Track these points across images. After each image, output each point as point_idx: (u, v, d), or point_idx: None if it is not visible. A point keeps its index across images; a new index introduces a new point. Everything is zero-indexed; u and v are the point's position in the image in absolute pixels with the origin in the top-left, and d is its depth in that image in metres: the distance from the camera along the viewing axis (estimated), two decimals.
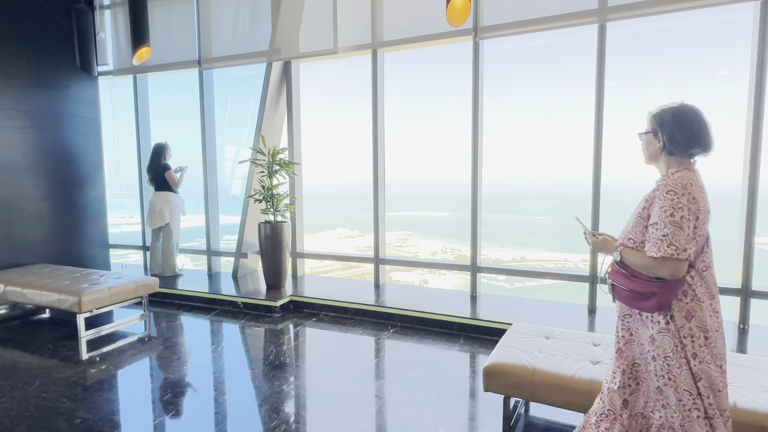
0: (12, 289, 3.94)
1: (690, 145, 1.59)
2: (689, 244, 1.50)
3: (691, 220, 1.51)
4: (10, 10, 4.70)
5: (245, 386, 3.00)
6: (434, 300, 4.40)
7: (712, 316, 1.59)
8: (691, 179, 1.56)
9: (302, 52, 4.89)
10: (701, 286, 1.57)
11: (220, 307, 4.69)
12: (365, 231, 18.31)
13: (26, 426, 2.49)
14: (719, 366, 1.59)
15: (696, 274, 1.57)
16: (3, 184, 4.70)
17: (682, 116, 1.61)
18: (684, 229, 1.50)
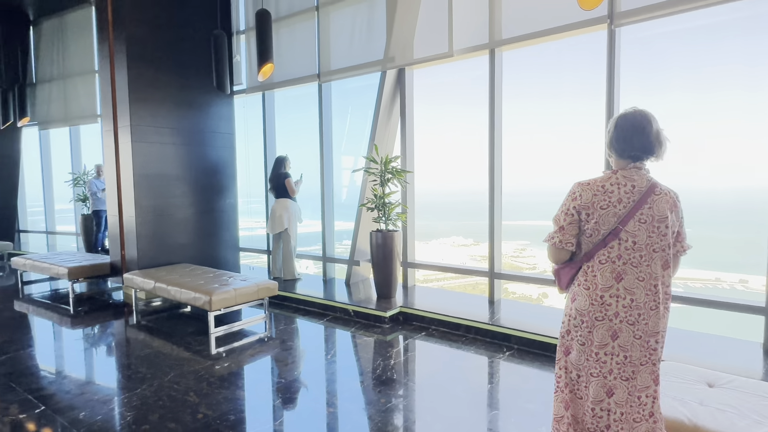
0: (160, 286, 4.45)
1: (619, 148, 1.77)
2: (559, 234, 1.80)
3: (568, 215, 1.78)
4: (167, 42, 5.41)
5: (354, 399, 2.94)
6: (558, 322, 3.92)
7: (594, 305, 1.74)
8: (600, 180, 1.77)
9: (416, 58, 4.79)
10: (595, 276, 1.74)
11: (332, 314, 4.78)
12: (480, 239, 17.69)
13: (158, 415, 2.72)
14: (595, 353, 1.75)
15: (594, 265, 1.76)
16: (157, 193, 5.39)
17: (618, 121, 1.78)
18: (557, 222, 1.81)
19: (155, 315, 4.90)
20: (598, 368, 1.74)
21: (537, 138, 15.68)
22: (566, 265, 1.83)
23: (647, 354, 1.73)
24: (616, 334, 1.71)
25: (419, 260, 5.29)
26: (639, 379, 1.74)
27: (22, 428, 2.60)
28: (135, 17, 5.16)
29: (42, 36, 8.77)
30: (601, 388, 1.75)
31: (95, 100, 7.73)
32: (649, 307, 1.70)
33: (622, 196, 1.72)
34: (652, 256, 1.71)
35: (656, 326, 1.72)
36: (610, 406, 1.75)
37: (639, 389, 1.74)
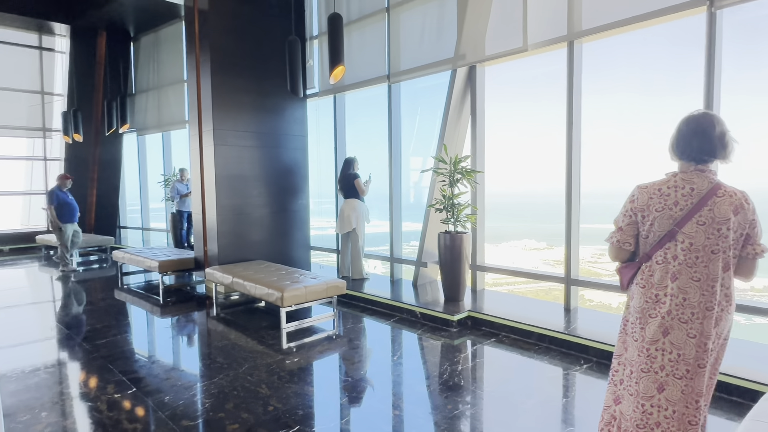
0: (237, 281, 4.70)
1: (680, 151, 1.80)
2: (617, 234, 1.90)
3: (626, 216, 1.88)
4: (246, 51, 5.71)
5: (420, 403, 2.89)
6: None
7: (648, 302, 1.80)
8: (658, 184, 1.82)
9: (488, 54, 4.64)
10: (651, 275, 1.81)
11: (399, 315, 4.76)
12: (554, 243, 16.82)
13: (233, 404, 2.86)
14: (646, 349, 1.79)
15: (651, 264, 1.82)
16: (237, 193, 5.71)
17: (681, 123, 1.80)
18: (617, 223, 1.92)
19: (233, 308, 5.19)
20: (649, 363, 1.79)
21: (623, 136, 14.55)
22: (627, 264, 1.92)
23: (703, 356, 1.73)
24: (668, 331, 1.76)
25: (489, 263, 5.12)
26: (696, 381, 1.74)
27: (117, 407, 2.85)
28: (219, 28, 5.50)
29: (140, 51, 9.68)
30: (651, 384, 1.79)
31: (184, 107, 8.37)
32: (705, 307, 1.72)
33: (679, 199, 1.76)
34: (711, 258, 1.72)
35: (710, 327, 1.72)
36: (660, 402, 1.77)
37: (696, 392, 1.75)
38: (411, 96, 6.12)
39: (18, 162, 10.64)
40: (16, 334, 4.37)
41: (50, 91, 10.53)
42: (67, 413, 2.81)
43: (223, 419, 2.68)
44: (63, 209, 7.26)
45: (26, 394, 3.03)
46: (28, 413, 2.77)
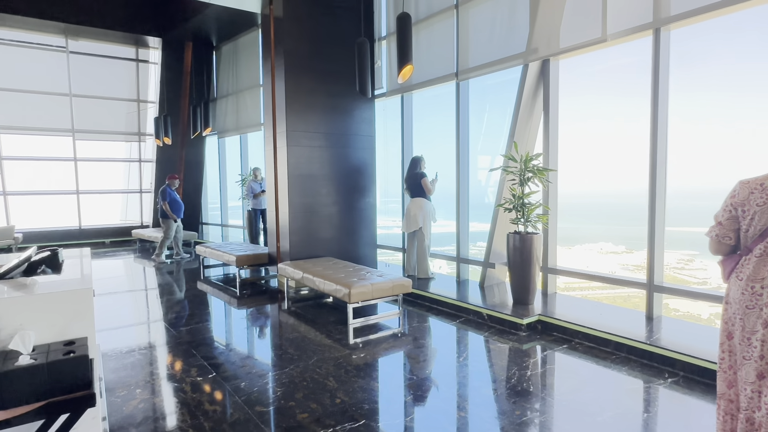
0: (307, 276, 4.88)
1: None
2: (717, 228, 2.01)
3: (726, 211, 1.98)
4: (317, 54, 5.91)
5: (485, 406, 2.83)
6: None
7: (745, 294, 1.88)
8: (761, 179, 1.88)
9: (563, 47, 4.43)
10: (749, 267, 1.88)
11: (465, 316, 4.69)
12: (633, 247, 15.63)
13: (302, 394, 2.98)
14: (747, 338, 1.88)
15: (750, 257, 1.89)
16: (307, 192, 5.93)
17: None
18: (717, 218, 2.02)
19: (303, 302, 5.39)
20: (750, 352, 1.87)
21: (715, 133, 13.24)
22: (728, 257, 2.00)
23: None
24: (767, 323, 1.82)
25: (561, 266, 4.88)
26: None
27: (199, 389, 3.08)
28: (292, 34, 5.75)
29: (221, 59, 10.36)
30: (752, 371, 1.86)
31: (260, 111, 8.83)
32: None
33: None
34: None
35: None
36: (761, 389, 1.84)
37: None
38: (479, 93, 6.00)
39: (117, 164, 11.82)
40: (115, 318, 4.86)
41: (145, 99, 11.58)
42: (157, 391, 3.08)
43: (293, 408, 2.80)
44: (172, 206, 8.19)
45: (123, 372, 3.36)
46: (125, 389, 3.08)
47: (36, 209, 10.53)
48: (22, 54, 10.09)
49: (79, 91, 10.68)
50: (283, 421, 2.65)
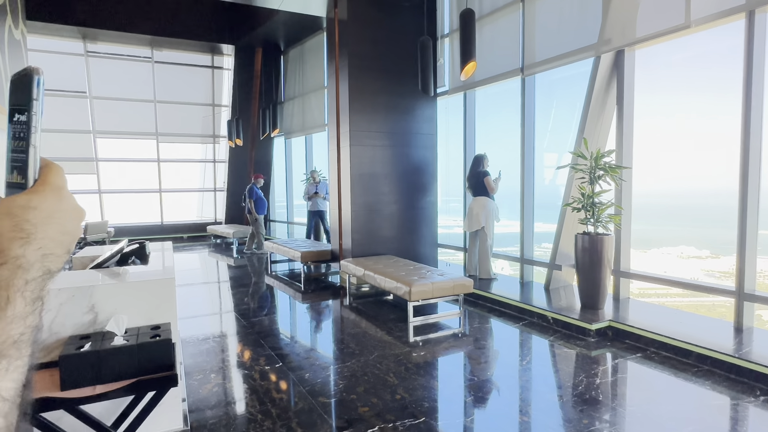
0: (368, 273, 4.97)
1: None
2: None
3: None
4: (380, 54, 5.99)
5: (549, 413, 2.73)
6: None
7: None
8: None
9: (640, 36, 4.15)
10: None
11: (529, 318, 4.55)
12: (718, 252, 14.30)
13: (363, 388, 3.04)
14: None
15: None
16: (369, 191, 6.03)
17: None
18: None
19: (364, 299, 5.50)
20: None
21: None
22: None
23: None
24: None
25: (635, 270, 4.59)
26: None
27: (266, 377, 3.25)
28: (356, 35, 5.86)
29: (288, 62, 10.78)
30: None
31: (324, 112, 9.10)
32: None
33: None
34: None
35: None
36: None
37: None
38: (546, 88, 5.77)
39: (194, 164, 12.70)
40: (192, 308, 5.23)
41: (219, 103, 12.34)
42: (229, 377, 3.28)
43: (354, 401, 2.87)
44: (258, 203, 8.88)
45: (200, 358, 3.62)
46: (201, 374, 3.31)
47: (124, 206, 11.58)
48: (114, 65, 11.13)
49: (162, 97, 11.59)
50: (345, 413, 2.73)
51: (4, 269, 0.39)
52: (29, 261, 0.40)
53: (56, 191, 0.44)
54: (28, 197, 0.42)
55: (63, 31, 9.73)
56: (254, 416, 2.69)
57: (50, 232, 0.42)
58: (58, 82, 10.57)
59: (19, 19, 4.52)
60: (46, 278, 0.42)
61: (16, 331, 0.38)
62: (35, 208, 0.42)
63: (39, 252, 0.41)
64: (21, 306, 0.39)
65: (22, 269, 0.40)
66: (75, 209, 0.46)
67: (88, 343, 1.87)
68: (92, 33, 10.01)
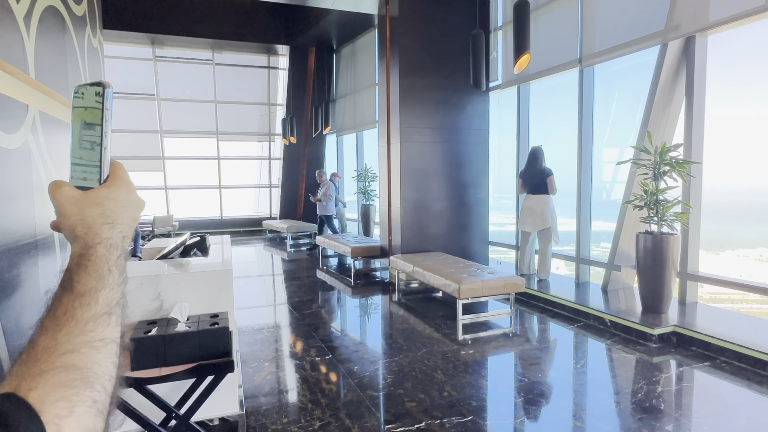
0: (417, 270, 4.97)
1: None
2: None
3: None
4: (431, 49, 5.95)
5: (606, 419, 2.62)
6: None
7: None
8: None
9: (713, 20, 3.85)
10: None
11: (584, 320, 4.36)
12: None
13: (411, 383, 3.05)
14: None
15: None
16: (419, 187, 6.02)
17: None
18: None
19: (412, 295, 5.50)
20: None
21: None
22: None
23: None
24: None
25: (704, 273, 4.27)
26: None
27: (317, 368, 3.34)
28: (407, 32, 5.85)
29: (341, 61, 10.96)
30: None
31: (374, 109, 9.17)
32: None
33: None
34: None
35: None
36: None
37: None
38: (606, 80, 5.48)
39: (250, 162, 13.23)
40: (248, 299, 5.47)
41: (274, 102, 12.76)
42: (282, 366, 3.41)
43: (402, 395, 2.88)
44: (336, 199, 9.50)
45: (255, 347, 3.78)
46: (256, 362, 3.46)
47: (188, 201, 12.27)
48: (180, 68, 11.80)
49: (222, 97, 12.16)
50: (392, 407, 2.75)
51: (101, 247, 0.49)
52: (116, 241, 0.51)
53: (127, 185, 0.54)
54: (108, 190, 0.52)
55: (134, 38, 10.46)
56: (305, 405, 2.78)
57: (126, 218, 0.53)
58: (130, 86, 11.37)
59: (97, 28, 4.89)
60: (125, 256, 0.52)
61: (116, 295, 0.49)
62: (114, 199, 0.52)
63: (120, 234, 0.51)
64: (117, 276, 0.49)
65: (114, 247, 0.50)
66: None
67: (154, 328, 2.01)
68: (160, 39, 10.67)
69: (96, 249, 0.49)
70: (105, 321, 0.47)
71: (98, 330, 0.46)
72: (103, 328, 0.46)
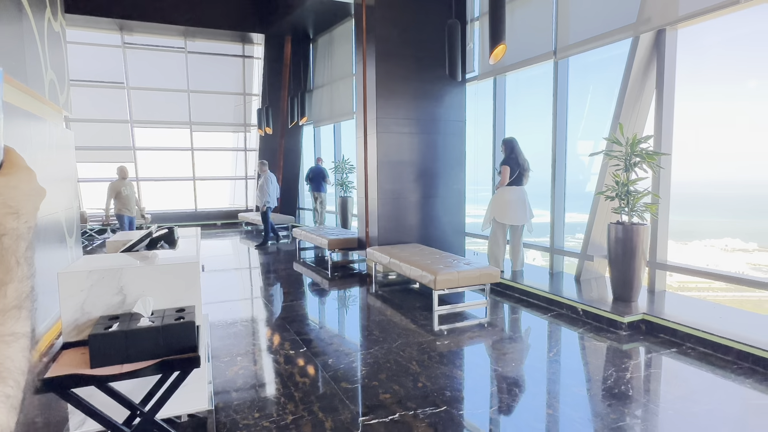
0: (394, 261, 4.95)
1: None
2: None
3: None
4: (407, 38, 5.89)
5: (577, 406, 2.65)
6: None
7: None
8: None
9: (683, 13, 3.91)
10: None
11: (558, 310, 4.43)
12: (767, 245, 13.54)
13: (386, 375, 3.04)
14: None
15: None
16: (395, 179, 5.98)
17: None
18: None
19: (390, 287, 5.49)
20: None
21: None
22: None
23: None
24: None
25: (673, 262, 4.38)
26: None
27: (291, 362, 3.29)
28: (383, 20, 5.78)
29: (317, 50, 10.79)
30: None
31: (352, 100, 9.07)
32: None
33: None
34: None
35: None
36: None
37: None
38: (580, 72, 5.54)
39: (226, 153, 12.96)
40: (222, 293, 5.37)
41: (249, 92, 12.50)
42: (255, 361, 3.35)
43: (376, 387, 2.87)
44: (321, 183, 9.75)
45: (227, 341, 3.71)
46: (229, 356, 3.39)
47: (161, 193, 11.95)
48: (150, 56, 11.42)
49: (195, 87, 11.84)
50: (367, 399, 2.74)
51: (6, 239, 0.47)
52: (22, 232, 0.48)
53: (27, 172, 0.51)
54: (7, 178, 0.49)
55: (101, 23, 10.05)
56: (278, 399, 2.74)
57: (30, 208, 0.50)
58: (98, 74, 10.95)
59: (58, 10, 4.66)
60: (31, 246, 0.49)
61: (26, 288, 0.47)
62: (15, 188, 0.48)
63: (26, 225, 0.49)
64: (26, 268, 0.48)
65: (21, 239, 0.48)
66: (41, 189, 0.52)
67: (116, 323, 1.92)
68: (129, 25, 10.29)
69: (1, 240, 0.46)
70: (15, 315, 0.46)
71: (8, 324, 0.45)
72: (13, 322, 0.45)
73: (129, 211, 7.46)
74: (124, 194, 7.37)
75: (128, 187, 7.45)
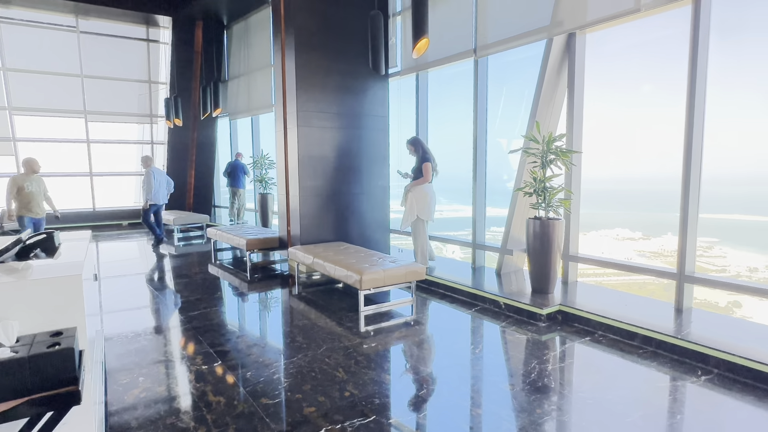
0: (317, 261, 4.73)
1: None
2: None
3: None
4: (329, 29, 5.66)
5: (502, 404, 2.66)
6: (765, 340, 3.02)
7: None
8: None
9: (590, 19, 4.12)
10: None
11: (481, 304, 4.51)
12: (650, 233, 15.20)
13: (310, 386, 2.84)
14: None
15: None
16: (317, 175, 5.74)
17: None
18: None
19: (314, 288, 5.26)
20: None
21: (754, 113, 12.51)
22: None
23: None
24: None
25: (583, 254, 4.65)
26: None
27: (203, 378, 2.97)
28: (303, 8, 5.49)
29: (233, 38, 10.13)
30: None
31: (271, 92, 8.63)
32: None
33: None
34: None
35: None
36: None
37: None
38: (499, 71, 5.68)
39: (130, 146, 11.78)
40: (123, 303, 4.79)
41: (156, 80, 11.45)
42: (159, 380, 2.97)
43: (300, 401, 2.66)
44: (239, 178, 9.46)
45: (128, 359, 3.27)
46: (128, 377, 2.98)
47: (52, 191, 10.55)
48: (32, 34, 10.00)
49: (90, 72, 10.58)
50: (290, 415, 2.52)
51: None
52: None
53: None
54: None
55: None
56: (186, 424, 2.43)
57: None
58: None
59: None
60: None
61: None
62: None
63: None
64: None
65: None
66: None
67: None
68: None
69: None
70: None
71: None
72: None
73: (32, 212, 6.42)
74: (27, 191, 6.32)
75: (34, 183, 6.41)
